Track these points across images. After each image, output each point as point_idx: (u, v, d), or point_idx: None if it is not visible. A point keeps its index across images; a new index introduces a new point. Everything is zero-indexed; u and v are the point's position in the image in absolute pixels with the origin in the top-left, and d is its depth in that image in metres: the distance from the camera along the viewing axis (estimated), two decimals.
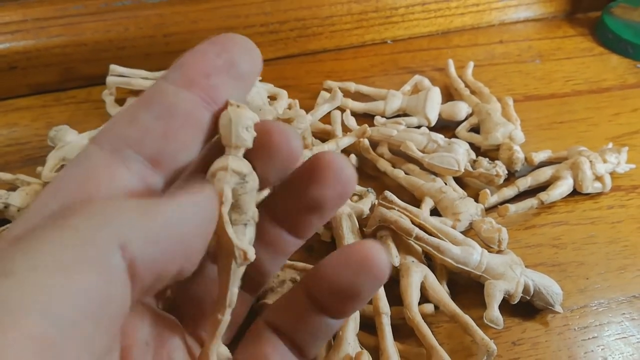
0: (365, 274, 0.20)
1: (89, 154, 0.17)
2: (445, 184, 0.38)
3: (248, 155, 0.19)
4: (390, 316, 0.30)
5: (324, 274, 0.20)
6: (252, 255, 0.19)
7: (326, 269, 0.20)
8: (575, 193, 0.39)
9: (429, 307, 0.31)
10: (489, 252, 0.33)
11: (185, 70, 0.18)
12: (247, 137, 0.19)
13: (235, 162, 0.19)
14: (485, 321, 0.30)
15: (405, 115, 0.45)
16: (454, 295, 0.32)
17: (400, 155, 0.41)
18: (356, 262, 0.20)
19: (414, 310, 0.30)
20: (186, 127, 0.18)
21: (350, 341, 0.28)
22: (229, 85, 0.19)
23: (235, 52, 0.19)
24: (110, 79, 0.44)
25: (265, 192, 0.22)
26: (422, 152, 0.39)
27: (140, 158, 0.17)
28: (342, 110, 0.44)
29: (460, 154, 0.38)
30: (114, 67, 0.45)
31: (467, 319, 0.30)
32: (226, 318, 0.19)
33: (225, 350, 0.20)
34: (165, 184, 0.18)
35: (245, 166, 0.19)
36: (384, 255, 0.20)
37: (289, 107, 0.43)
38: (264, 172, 0.19)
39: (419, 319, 0.30)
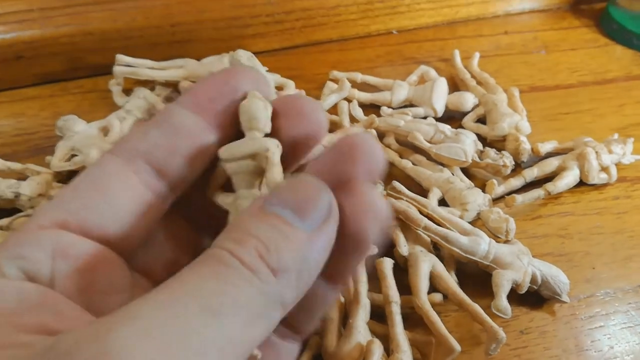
0: (369, 220, 0.19)
1: (105, 161, 0.19)
2: (452, 174, 0.38)
3: (276, 124, 0.20)
4: (400, 305, 0.30)
5: None
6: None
7: None
8: (581, 184, 0.39)
9: (437, 296, 0.32)
10: (496, 242, 0.33)
11: (194, 96, 0.21)
12: (261, 121, 0.20)
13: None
14: (493, 310, 0.30)
15: (412, 105, 0.45)
16: (462, 285, 0.32)
17: (407, 146, 0.41)
18: (358, 208, 0.19)
19: (423, 298, 0.30)
20: (190, 145, 0.20)
21: (361, 330, 0.28)
22: (233, 109, 0.21)
23: (241, 80, 0.20)
24: (117, 69, 0.44)
25: None
26: (429, 142, 0.40)
27: (149, 168, 0.20)
28: (349, 100, 0.44)
29: (467, 145, 0.38)
30: (121, 57, 0.45)
31: (476, 307, 0.30)
32: None
33: None
34: (170, 190, 0.21)
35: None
36: (382, 200, 0.19)
37: None
38: (292, 138, 0.21)
39: (428, 307, 0.30)
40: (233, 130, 0.21)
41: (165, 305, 0.14)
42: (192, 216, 0.23)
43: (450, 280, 0.32)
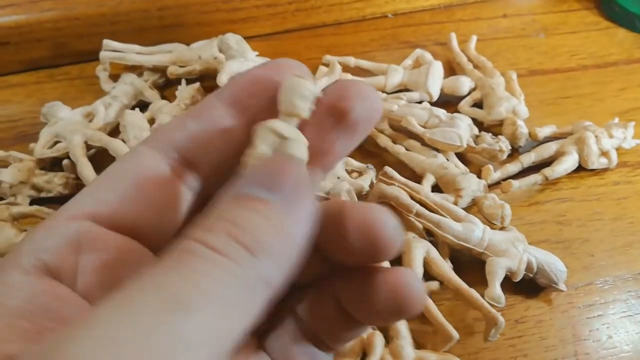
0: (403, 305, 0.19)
1: (139, 152, 0.19)
2: (447, 160, 0.37)
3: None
4: None
5: (358, 290, 0.20)
6: None
7: (359, 285, 0.20)
8: (580, 169, 0.38)
9: (433, 284, 0.31)
10: (491, 228, 0.32)
11: (234, 90, 0.20)
12: (300, 105, 0.19)
13: (276, 123, 0.19)
14: (487, 299, 0.29)
15: (407, 90, 0.44)
16: (455, 273, 0.31)
17: (401, 131, 0.40)
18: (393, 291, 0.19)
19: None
20: (226, 140, 0.20)
21: None
22: (271, 106, 0.20)
23: (286, 75, 0.19)
24: (103, 54, 0.43)
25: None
26: (424, 127, 0.38)
27: (183, 161, 0.19)
28: None
29: (462, 129, 0.37)
30: (108, 42, 0.44)
31: (473, 292, 0.29)
32: None
33: None
34: (202, 184, 0.20)
35: (288, 131, 0.19)
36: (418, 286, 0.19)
37: None
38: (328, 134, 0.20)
39: None
40: None
41: (124, 306, 0.13)
42: None
43: (445, 266, 0.31)
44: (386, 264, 0.20)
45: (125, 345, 0.12)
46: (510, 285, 0.31)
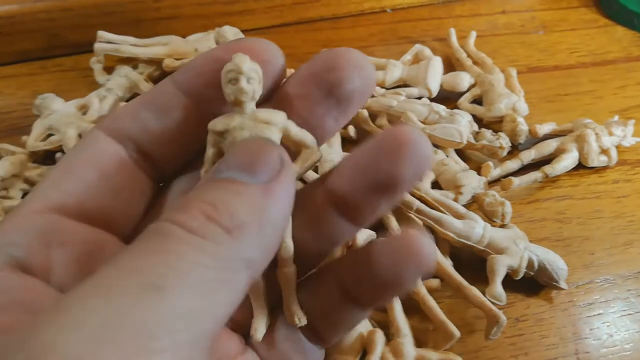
0: (410, 265, 0.18)
1: (96, 140, 0.18)
2: (447, 156, 0.37)
3: None
4: None
5: (361, 264, 0.19)
6: None
7: (364, 258, 0.19)
8: (580, 167, 0.38)
9: (434, 282, 0.30)
10: (491, 226, 0.32)
11: (188, 75, 0.19)
12: (226, 91, 0.17)
13: (213, 122, 0.18)
14: (488, 297, 0.29)
15: (406, 85, 0.43)
16: (455, 271, 0.31)
17: None
18: (400, 253, 0.18)
19: (419, 283, 0.29)
20: (180, 130, 0.19)
21: None
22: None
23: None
24: (98, 46, 0.42)
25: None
26: (423, 123, 0.38)
27: (137, 149, 0.19)
28: None
29: (462, 125, 0.36)
30: (102, 34, 0.43)
31: (474, 290, 0.29)
32: (290, 270, 0.19)
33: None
34: (159, 173, 0.20)
35: (225, 123, 0.18)
36: (429, 245, 0.18)
37: None
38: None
39: (424, 291, 0.29)
40: None
41: (99, 290, 0.13)
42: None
43: (445, 263, 0.30)
44: None
45: (99, 329, 0.12)
46: (510, 283, 0.31)
